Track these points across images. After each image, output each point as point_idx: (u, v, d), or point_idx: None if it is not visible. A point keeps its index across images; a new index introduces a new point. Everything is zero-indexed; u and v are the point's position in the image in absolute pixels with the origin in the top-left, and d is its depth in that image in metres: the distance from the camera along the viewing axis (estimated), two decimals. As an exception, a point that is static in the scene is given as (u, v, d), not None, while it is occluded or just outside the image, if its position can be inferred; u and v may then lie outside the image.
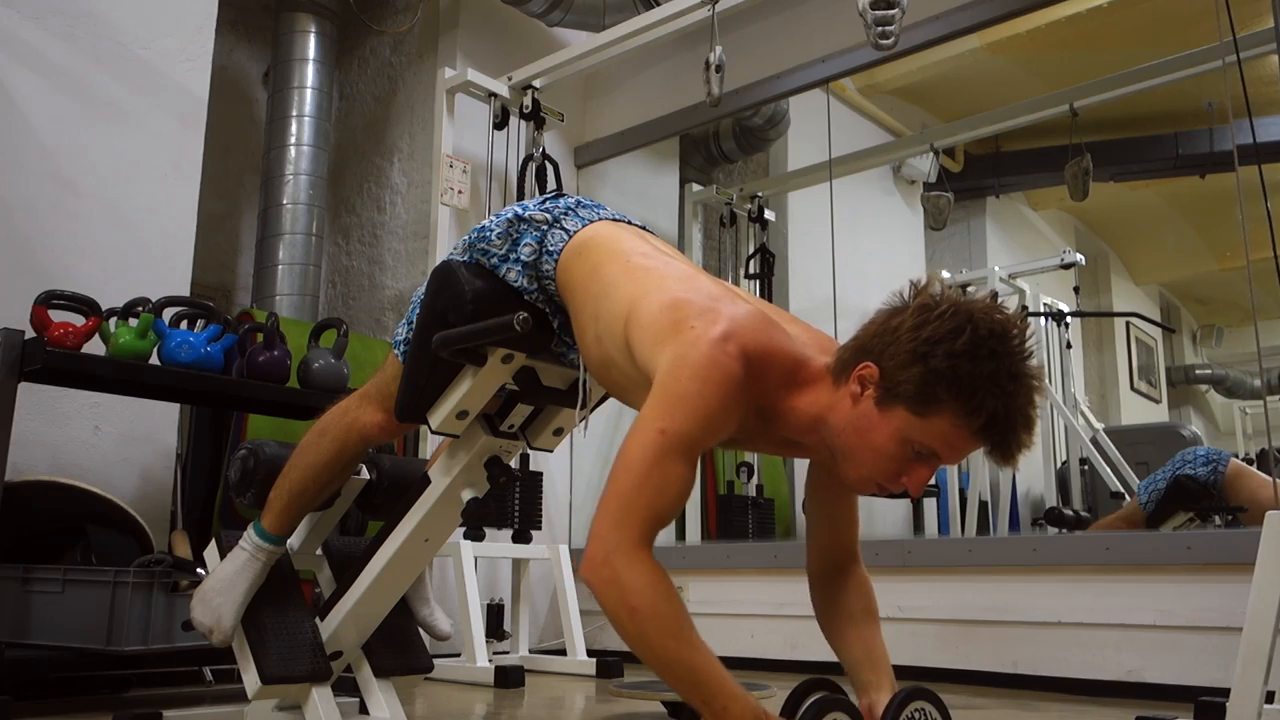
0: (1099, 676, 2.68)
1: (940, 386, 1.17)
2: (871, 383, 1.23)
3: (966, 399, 1.17)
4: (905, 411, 1.20)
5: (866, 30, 2.75)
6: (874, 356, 1.23)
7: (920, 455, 1.23)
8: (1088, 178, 4.12)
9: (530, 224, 1.52)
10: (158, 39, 3.07)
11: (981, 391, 1.17)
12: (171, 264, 2.99)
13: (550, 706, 2.64)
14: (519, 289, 1.50)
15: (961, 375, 1.17)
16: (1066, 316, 4.58)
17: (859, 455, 1.26)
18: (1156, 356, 5.07)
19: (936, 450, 1.22)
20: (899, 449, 1.22)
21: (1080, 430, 4.36)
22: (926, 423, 1.20)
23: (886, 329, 1.24)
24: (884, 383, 1.22)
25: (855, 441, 1.25)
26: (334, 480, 1.76)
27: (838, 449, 1.28)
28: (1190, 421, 4.94)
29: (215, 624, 1.67)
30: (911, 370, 1.19)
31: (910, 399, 1.19)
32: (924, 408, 1.19)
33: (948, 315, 1.19)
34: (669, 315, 1.27)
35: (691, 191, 4.65)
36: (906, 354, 1.20)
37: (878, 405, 1.22)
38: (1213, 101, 4.00)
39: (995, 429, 1.19)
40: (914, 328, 1.20)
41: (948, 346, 1.17)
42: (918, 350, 1.19)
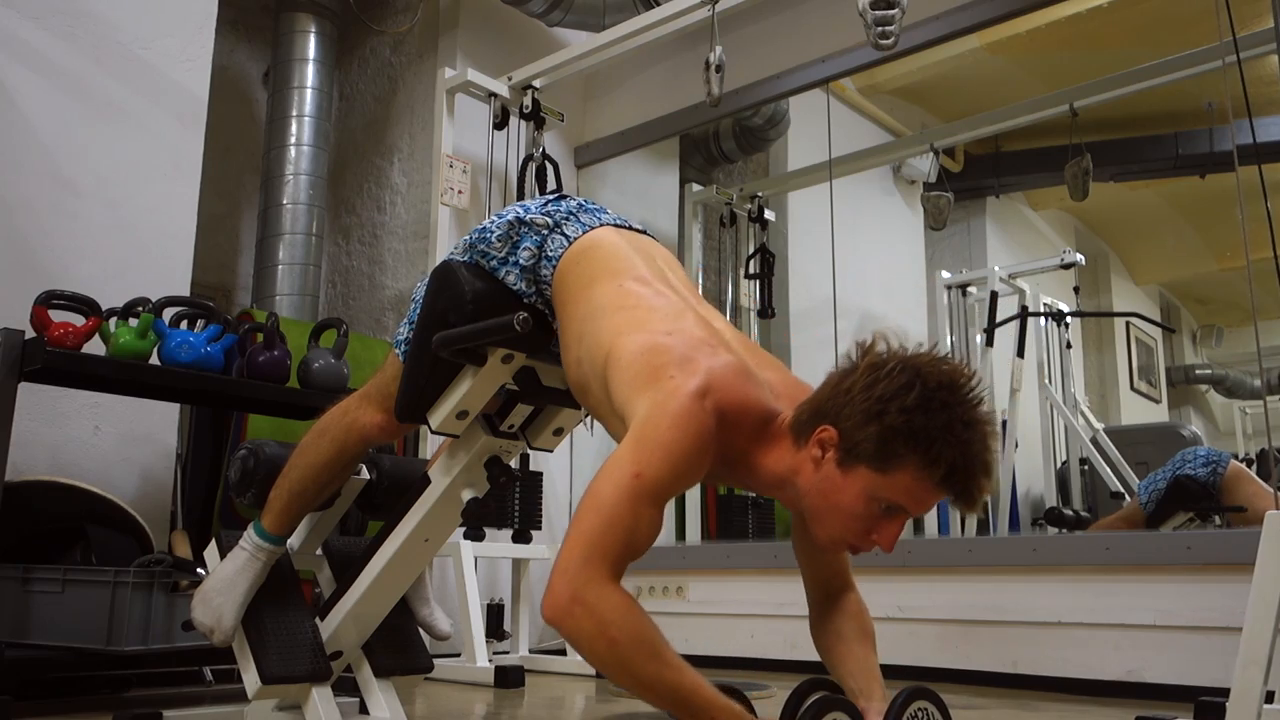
0: (1099, 676, 2.68)
1: (898, 442, 1.20)
2: (831, 445, 1.25)
3: (924, 451, 1.19)
4: (867, 470, 1.22)
5: (866, 30, 2.75)
6: (831, 419, 1.25)
7: (888, 511, 1.25)
8: (1088, 178, 4.12)
9: (531, 228, 1.52)
10: (158, 39, 3.07)
11: (939, 443, 1.19)
12: (171, 264, 2.99)
13: (550, 706, 2.64)
14: (517, 292, 1.51)
15: (917, 429, 1.19)
16: (1066, 316, 4.58)
17: (827, 518, 1.28)
18: (1156, 356, 5.07)
19: (903, 504, 1.24)
20: (865, 507, 1.24)
21: (1080, 430, 4.36)
22: (889, 479, 1.21)
23: (839, 391, 1.25)
24: (843, 444, 1.23)
25: (821, 504, 1.27)
26: (334, 480, 1.76)
27: (806, 511, 1.31)
28: (1190, 421, 4.94)
29: (216, 624, 1.67)
30: (868, 429, 1.21)
31: (870, 457, 1.21)
32: (885, 464, 1.21)
33: (896, 372, 1.22)
34: (648, 360, 1.29)
35: (691, 191, 4.65)
36: (861, 414, 1.22)
37: (839, 467, 1.24)
38: (1213, 101, 4.00)
39: (956, 477, 1.21)
40: (866, 387, 1.22)
41: (900, 402, 1.20)
42: (871, 409, 1.21)
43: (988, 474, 1.23)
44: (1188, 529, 3.42)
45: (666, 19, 3.41)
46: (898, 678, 3.03)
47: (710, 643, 3.39)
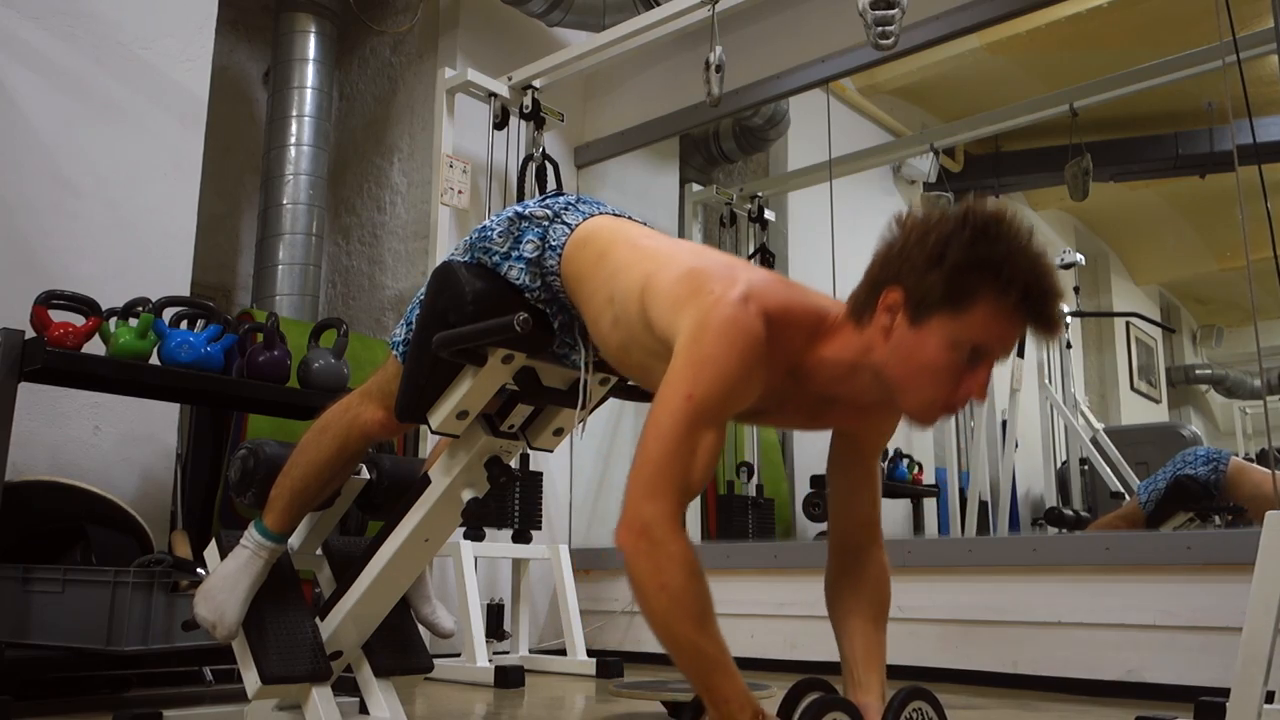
0: (1099, 676, 2.68)
1: (968, 274, 1.19)
2: (899, 306, 1.23)
3: (995, 275, 1.18)
4: (943, 317, 1.20)
5: (866, 30, 2.75)
6: (893, 280, 1.24)
7: (971, 357, 1.22)
8: (1088, 178, 4.12)
9: (531, 221, 1.53)
10: (158, 39, 3.07)
11: (1007, 264, 1.18)
12: (171, 264, 2.99)
13: (550, 706, 2.64)
14: (521, 286, 1.51)
15: (983, 256, 1.18)
16: (1066, 316, 4.58)
17: (912, 382, 1.25)
18: (1156, 356, 5.07)
19: (984, 343, 1.22)
20: (949, 357, 1.22)
21: (1080, 430, 4.36)
22: (967, 318, 1.20)
23: (892, 255, 1.25)
24: (911, 300, 1.22)
25: (904, 370, 1.24)
26: (336, 478, 1.76)
27: (889, 385, 1.27)
28: (1190, 421, 4.94)
29: (219, 619, 1.67)
30: (934, 274, 1.20)
31: (943, 300, 1.20)
32: (960, 303, 1.19)
33: (944, 218, 1.22)
34: (687, 282, 1.28)
35: (691, 191, 4.65)
36: (924, 262, 1.20)
37: (913, 325, 1.22)
38: (1213, 101, 4.00)
39: (1032, 297, 1.20)
40: (920, 239, 1.22)
41: (959, 239, 1.19)
42: (933, 255, 1.20)
43: (1061, 296, 1.22)
44: (1188, 529, 3.42)
45: (666, 19, 3.41)
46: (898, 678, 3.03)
47: None
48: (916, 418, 1.29)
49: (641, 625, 3.91)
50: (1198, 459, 3.57)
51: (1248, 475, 3.49)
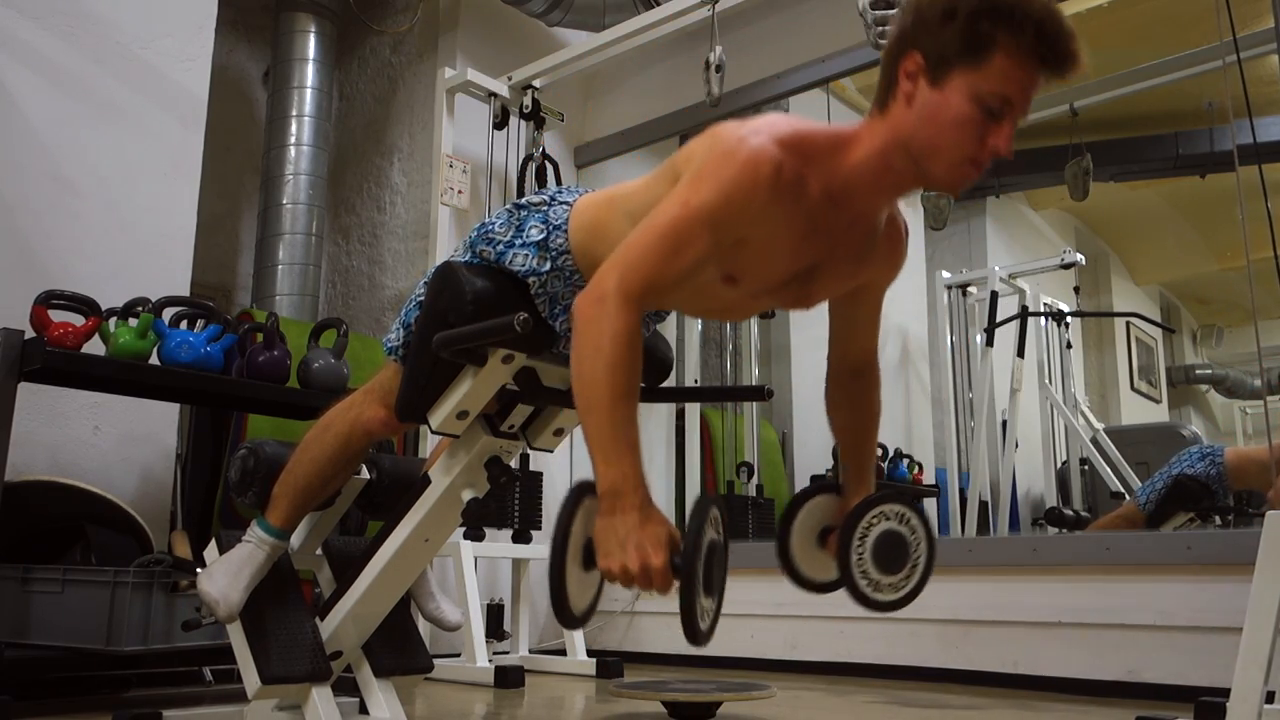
0: (1099, 676, 2.68)
1: (981, 22, 1.21)
2: (919, 69, 1.26)
3: (1009, 19, 1.21)
4: (962, 70, 1.23)
5: (866, 30, 2.75)
6: (909, 45, 1.27)
7: (993, 111, 1.24)
8: (1088, 178, 4.12)
9: (530, 208, 1.56)
10: (158, 39, 3.07)
11: (1019, 8, 1.21)
12: (171, 264, 2.99)
13: (550, 706, 2.64)
14: (527, 272, 1.51)
15: (994, 4, 1.21)
16: (1066, 316, 4.58)
17: (938, 142, 1.26)
18: (1156, 356, 5.07)
19: (1006, 92, 1.23)
20: (972, 111, 1.23)
21: (1080, 430, 4.36)
22: (986, 68, 1.22)
23: (904, 26, 1.28)
24: (929, 59, 1.25)
25: (929, 132, 1.26)
26: (338, 475, 1.77)
27: (916, 153, 1.28)
28: (1190, 421, 4.94)
29: (223, 597, 1.68)
30: (949, 29, 1.23)
31: (961, 52, 1.22)
32: (977, 53, 1.22)
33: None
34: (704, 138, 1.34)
35: (692, 191, 4.64)
36: (936, 19, 1.24)
37: (934, 86, 1.25)
38: (1213, 101, 4.00)
39: (1046, 36, 1.22)
40: (930, 2, 1.26)
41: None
42: (945, 10, 1.23)
43: (1075, 33, 1.24)
44: (1188, 529, 3.42)
45: (666, 19, 3.41)
46: (898, 678, 3.04)
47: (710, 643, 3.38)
48: (946, 180, 1.30)
49: (642, 625, 3.93)
50: (1193, 457, 3.56)
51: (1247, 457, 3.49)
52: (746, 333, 4.60)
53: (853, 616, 3.10)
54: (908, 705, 2.52)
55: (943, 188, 1.34)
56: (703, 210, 1.25)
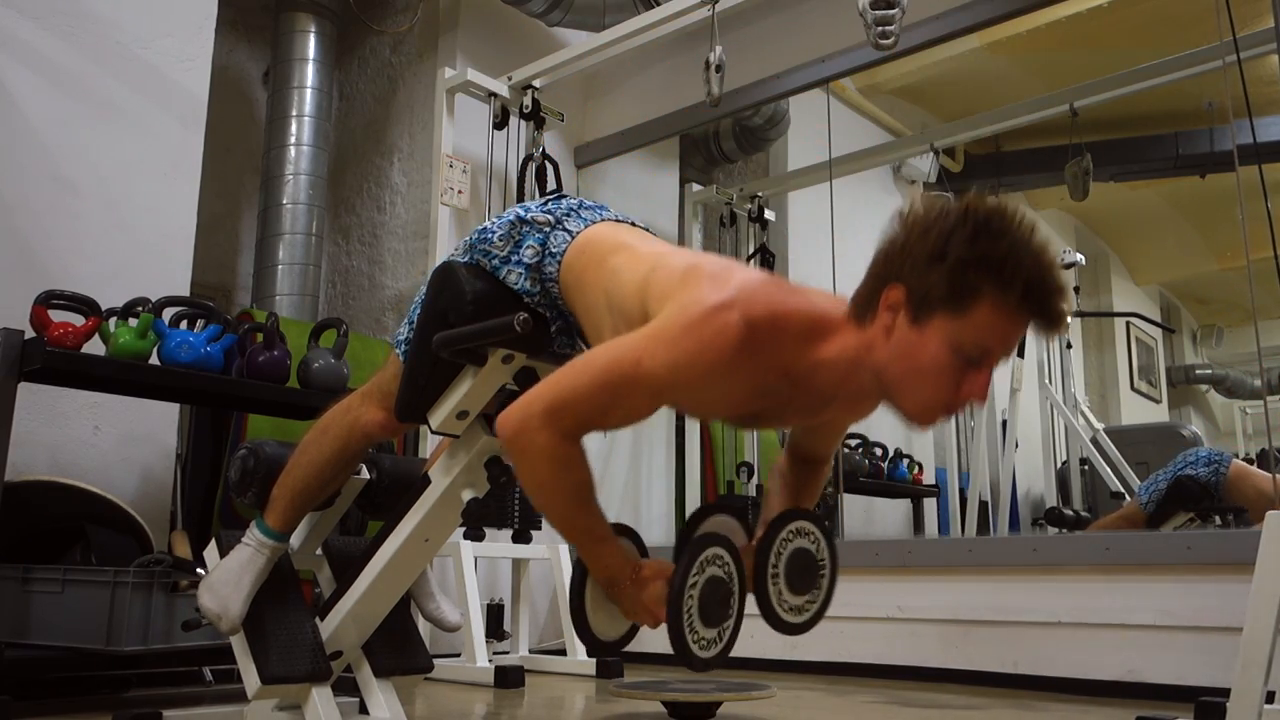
0: (1099, 676, 2.68)
1: (969, 272, 1.17)
2: (901, 304, 1.21)
3: (997, 273, 1.16)
4: (945, 316, 1.18)
5: (866, 30, 2.75)
6: (894, 278, 1.22)
7: (972, 359, 1.20)
8: (1088, 178, 4.12)
9: (533, 226, 1.53)
10: (158, 39, 3.07)
11: (1009, 261, 1.16)
12: (171, 264, 2.99)
13: (550, 706, 2.64)
14: (519, 291, 1.51)
15: (984, 254, 1.16)
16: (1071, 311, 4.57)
17: (912, 383, 1.23)
18: (1156, 356, 5.07)
19: (987, 344, 1.20)
20: (950, 358, 1.20)
21: (1080, 430, 4.35)
22: (969, 318, 1.18)
23: (893, 251, 1.23)
24: (913, 297, 1.20)
25: (904, 369, 1.23)
26: (337, 477, 1.77)
27: (888, 385, 1.26)
28: (1190, 421, 4.93)
29: (223, 611, 1.67)
30: (935, 272, 1.18)
31: (945, 299, 1.18)
32: (961, 302, 1.17)
33: (945, 214, 1.21)
34: (682, 276, 1.30)
35: (691, 191, 4.65)
36: (925, 260, 1.19)
37: (914, 324, 1.20)
38: (1213, 101, 4.00)
39: (1034, 294, 1.18)
40: (921, 235, 1.20)
41: (960, 235, 1.17)
42: (934, 252, 1.18)
43: (1064, 292, 1.21)
44: (1188, 529, 3.42)
45: (666, 19, 3.41)
46: (898, 678, 3.04)
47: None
48: (916, 419, 1.27)
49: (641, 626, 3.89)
50: (1199, 460, 3.56)
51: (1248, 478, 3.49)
52: (746, 333, 4.60)
53: (853, 617, 3.10)
54: (908, 705, 2.52)
55: (910, 421, 1.29)
56: (651, 379, 1.23)
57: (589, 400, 1.25)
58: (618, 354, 1.26)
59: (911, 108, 4.77)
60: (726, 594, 1.33)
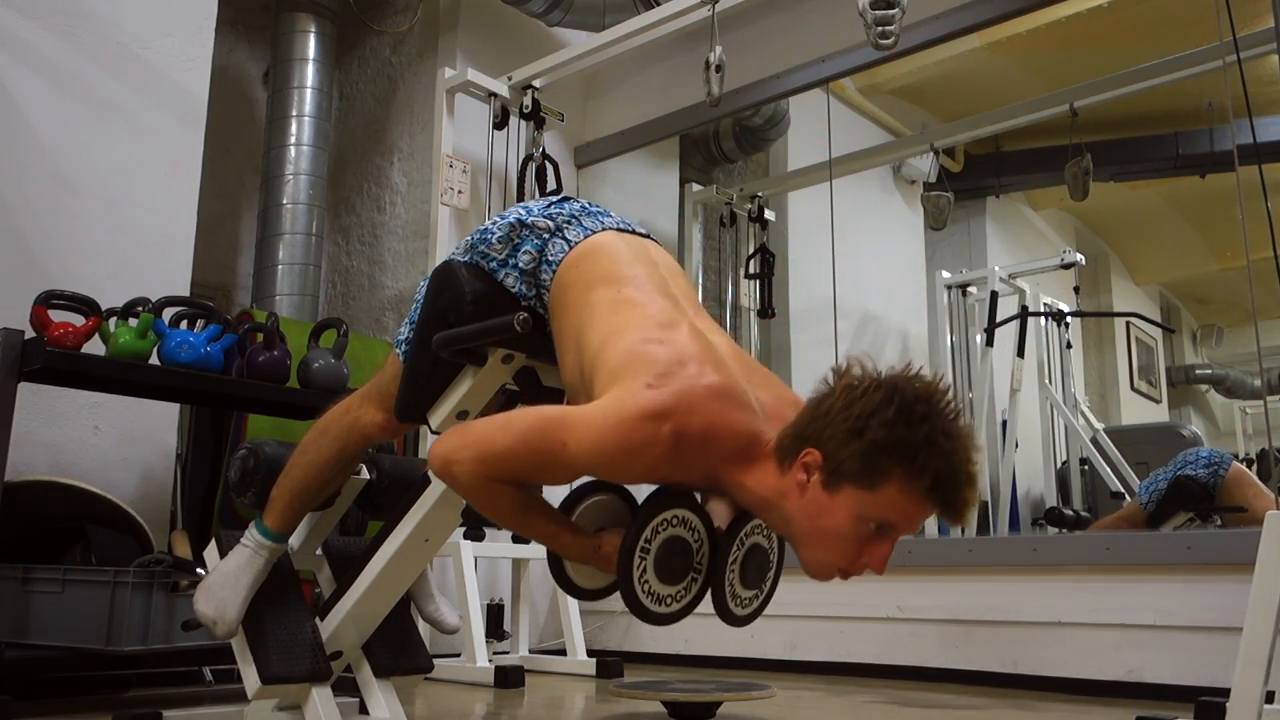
0: (1099, 676, 2.68)
1: (882, 456, 1.19)
2: (815, 468, 1.24)
3: (909, 462, 1.19)
4: (854, 489, 1.21)
5: (866, 30, 2.75)
6: (813, 442, 1.24)
7: (878, 530, 1.24)
8: (1088, 178, 4.12)
9: (532, 230, 1.52)
10: (158, 39, 3.07)
11: (923, 452, 1.19)
12: (171, 264, 2.99)
13: (550, 706, 2.64)
14: (516, 294, 1.51)
15: (899, 441, 1.19)
16: (1066, 316, 4.58)
17: (815, 542, 1.27)
18: (1156, 356, 5.07)
19: (890, 520, 1.23)
20: (854, 528, 1.23)
21: (1080, 430, 4.35)
22: (876, 495, 1.21)
23: (819, 414, 1.25)
24: (828, 465, 1.22)
25: (809, 527, 1.26)
26: (336, 478, 1.76)
27: (793, 536, 1.30)
28: (1190, 421, 4.94)
29: (219, 615, 1.67)
30: (851, 447, 1.20)
31: (856, 475, 1.21)
32: (871, 481, 1.20)
33: (873, 389, 1.22)
34: (629, 363, 1.31)
35: (691, 191, 4.65)
36: (843, 433, 1.21)
37: (825, 489, 1.23)
38: (1213, 101, 4.00)
39: (942, 486, 1.21)
40: (845, 407, 1.22)
41: (880, 417, 1.20)
42: (853, 427, 1.21)
43: (972, 484, 1.23)
44: (1188, 529, 3.42)
45: (666, 19, 3.41)
46: (898, 678, 3.04)
47: (710, 643, 3.39)
48: (811, 573, 1.31)
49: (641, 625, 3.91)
50: (1199, 460, 3.56)
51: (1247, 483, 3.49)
52: (747, 333, 4.60)
53: (853, 617, 3.10)
54: (908, 705, 2.52)
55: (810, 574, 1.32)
56: (572, 461, 1.29)
57: (511, 460, 1.32)
58: (548, 427, 1.31)
59: (911, 108, 4.77)
60: (686, 552, 1.35)
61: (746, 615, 1.46)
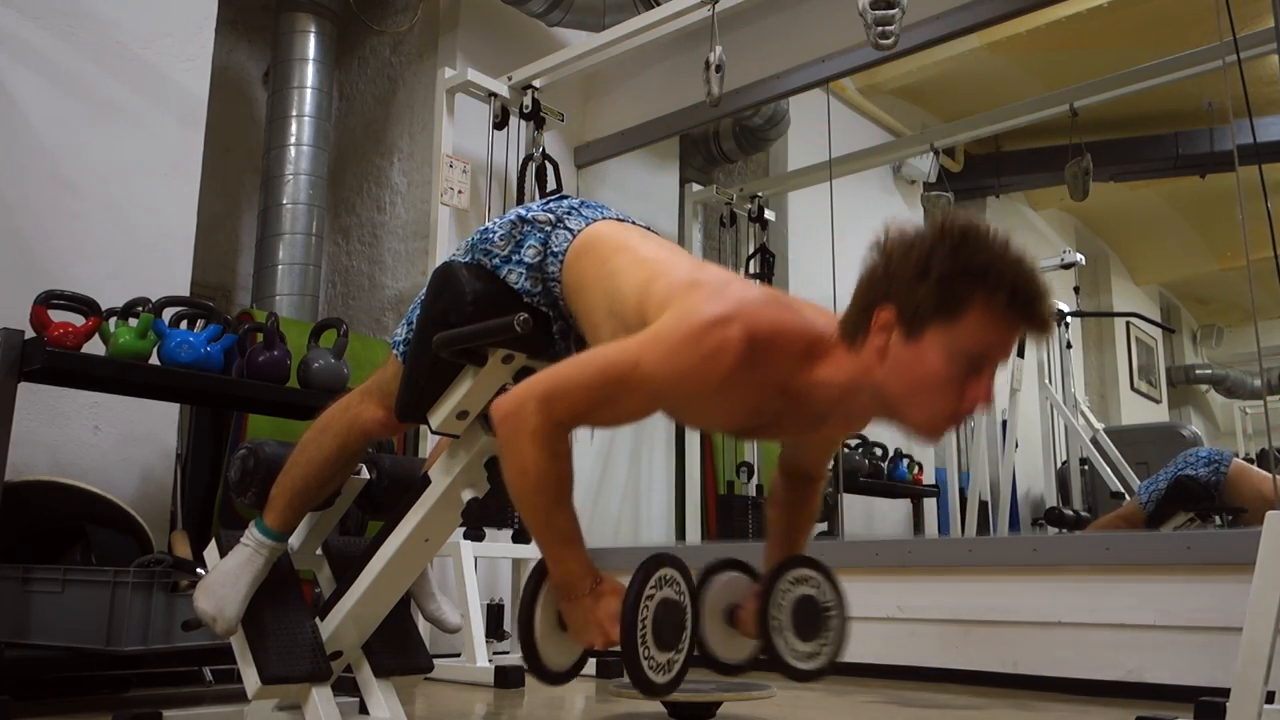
0: (1099, 676, 2.68)
1: (956, 282, 1.19)
2: (892, 323, 1.23)
3: (983, 279, 1.19)
4: (937, 328, 1.20)
5: (866, 30, 2.75)
6: (883, 301, 1.24)
7: (972, 366, 1.22)
8: (1088, 178, 4.12)
9: (534, 225, 1.53)
10: (158, 39, 3.07)
11: (994, 267, 1.19)
12: (171, 264, 2.99)
13: (550, 706, 2.64)
14: (521, 290, 1.51)
15: (969, 263, 1.19)
16: (1066, 316, 4.58)
17: (915, 399, 1.24)
18: (1156, 356, 5.07)
19: (982, 349, 1.21)
20: (950, 368, 1.21)
21: (1080, 430, 4.36)
22: (960, 325, 1.20)
23: (876, 275, 1.25)
24: (904, 315, 1.22)
25: (905, 386, 1.24)
26: (336, 476, 1.76)
27: (890, 403, 1.27)
28: (1190, 421, 4.94)
29: (219, 613, 1.67)
30: (923, 286, 1.20)
31: (936, 310, 1.20)
32: (953, 311, 1.19)
33: (923, 234, 1.24)
34: (682, 288, 1.31)
35: (691, 191, 4.65)
36: (911, 277, 1.21)
37: (908, 340, 1.22)
38: (1213, 101, 4.00)
39: (1021, 296, 1.20)
40: (902, 256, 1.23)
41: (942, 251, 1.20)
42: (919, 270, 1.21)
43: (1048, 291, 1.23)
44: (1188, 529, 3.42)
45: (666, 19, 3.41)
46: (898, 678, 3.04)
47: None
48: (923, 431, 1.28)
49: (641, 625, 3.87)
50: (1199, 460, 3.56)
51: (1248, 477, 3.49)
52: (746, 333, 4.60)
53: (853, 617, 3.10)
54: (908, 705, 2.52)
55: (919, 437, 1.31)
56: (649, 380, 1.24)
57: (584, 393, 1.27)
58: (617, 353, 1.27)
59: (911, 108, 4.77)
60: (680, 616, 1.30)
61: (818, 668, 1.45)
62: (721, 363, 1.22)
